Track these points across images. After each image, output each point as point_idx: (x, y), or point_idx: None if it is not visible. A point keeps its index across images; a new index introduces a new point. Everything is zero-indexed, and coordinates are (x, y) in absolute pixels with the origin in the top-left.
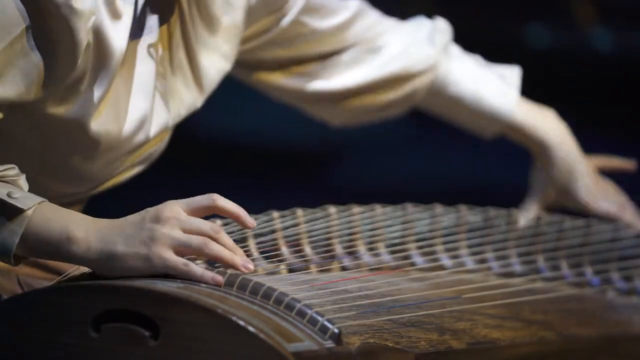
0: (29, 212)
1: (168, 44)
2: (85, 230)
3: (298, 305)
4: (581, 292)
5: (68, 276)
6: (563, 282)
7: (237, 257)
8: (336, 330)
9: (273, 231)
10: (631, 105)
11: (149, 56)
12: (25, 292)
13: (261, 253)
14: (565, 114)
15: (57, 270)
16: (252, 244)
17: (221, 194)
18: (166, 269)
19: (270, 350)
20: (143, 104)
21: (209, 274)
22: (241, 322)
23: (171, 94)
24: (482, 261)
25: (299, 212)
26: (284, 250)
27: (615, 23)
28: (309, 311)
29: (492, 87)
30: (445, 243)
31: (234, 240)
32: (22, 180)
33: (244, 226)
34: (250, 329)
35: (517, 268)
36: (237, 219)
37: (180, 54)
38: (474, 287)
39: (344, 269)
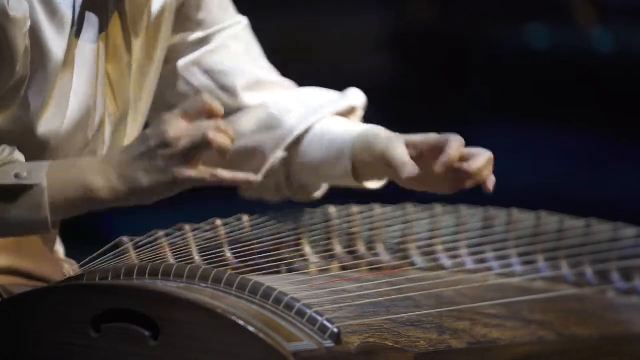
0: (44, 183)
1: (110, 40)
2: (103, 176)
3: (297, 305)
4: (581, 292)
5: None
6: (563, 282)
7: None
8: (336, 330)
9: (273, 232)
10: (631, 106)
11: (92, 54)
12: (25, 292)
13: (261, 253)
14: (565, 114)
15: (40, 278)
16: (252, 244)
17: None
18: (196, 185)
19: (270, 350)
20: (85, 102)
21: (241, 175)
22: (241, 322)
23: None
24: (482, 261)
25: (299, 212)
26: (284, 250)
27: (615, 23)
28: (308, 311)
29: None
30: (445, 243)
31: (234, 241)
32: (17, 154)
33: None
34: (250, 328)
35: (517, 268)
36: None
37: (121, 49)
38: (474, 287)
39: (343, 268)
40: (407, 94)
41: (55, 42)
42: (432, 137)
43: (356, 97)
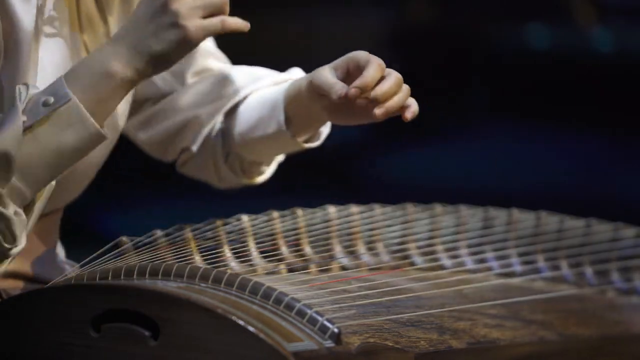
0: (74, 98)
1: (82, 10)
2: (118, 58)
3: (298, 305)
4: (581, 292)
5: (65, 277)
6: (563, 282)
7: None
8: (336, 330)
9: (272, 232)
10: (631, 106)
11: (64, 24)
12: (25, 292)
13: (261, 253)
14: (565, 114)
15: (42, 281)
16: (251, 243)
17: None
18: (208, 36)
19: (270, 350)
20: (58, 73)
21: (240, 21)
22: (241, 322)
23: None
24: (482, 261)
25: (299, 212)
26: (284, 250)
27: (615, 23)
28: (308, 311)
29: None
30: (445, 243)
31: (234, 240)
32: (31, 87)
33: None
34: (250, 328)
35: (517, 268)
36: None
37: (96, 19)
38: (474, 287)
39: (343, 269)
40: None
41: (23, 11)
42: (356, 54)
43: (296, 73)
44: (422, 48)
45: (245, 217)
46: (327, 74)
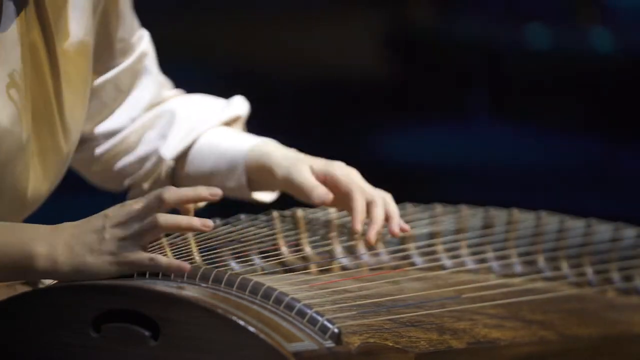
0: None
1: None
2: (48, 243)
3: (298, 305)
4: (581, 292)
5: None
6: (563, 282)
7: (193, 219)
8: (336, 330)
9: (272, 232)
10: (631, 105)
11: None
12: (25, 292)
13: (261, 253)
14: (565, 114)
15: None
16: (252, 244)
17: None
18: (133, 270)
19: (270, 350)
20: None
21: (175, 263)
22: (241, 322)
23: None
24: (482, 261)
25: (299, 212)
26: (284, 250)
27: (615, 23)
28: (308, 311)
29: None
30: (445, 243)
31: (234, 240)
32: None
33: (202, 231)
34: (250, 329)
35: (517, 268)
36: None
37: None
38: (474, 287)
39: (344, 269)
40: (407, 94)
41: None
42: (335, 172)
43: (240, 106)
44: (422, 48)
45: (245, 217)
46: (306, 175)
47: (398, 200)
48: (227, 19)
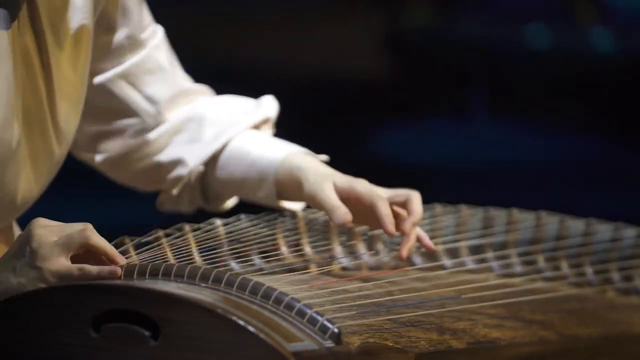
0: None
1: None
2: None
3: (298, 305)
4: (581, 292)
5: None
6: (563, 282)
7: (117, 256)
8: (336, 330)
9: (272, 232)
10: (631, 105)
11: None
12: (25, 292)
13: (261, 253)
14: (565, 114)
15: None
16: (252, 243)
17: None
18: (62, 281)
19: (270, 350)
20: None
21: (106, 269)
22: (241, 322)
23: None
24: (482, 261)
25: (299, 212)
26: (284, 250)
27: (615, 23)
28: (308, 311)
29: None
30: (445, 243)
31: (232, 240)
32: None
33: (114, 262)
34: (250, 328)
35: (517, 268)
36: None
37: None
38: (474, 287)
39: (344, 269)
40: (407, 94)
41: None
42: (359, 189)
43: (270, 108)
44: (421, 48)
45: (245, 217)
46: (330, 194)
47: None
48: (228, 19)
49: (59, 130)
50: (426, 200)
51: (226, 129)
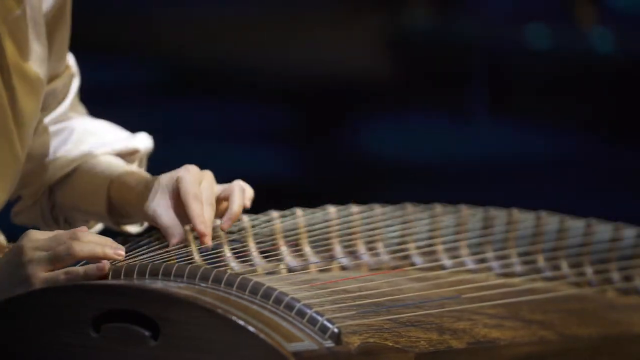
0: None
1: None
2: None
3: (298, 305)
4: (581, 292)
5: None
6: (563, 282)
7: (107, 247)
8: (336, 330)
9: (273, 232)
10: (631, 105)
11: None
12: (25, 292)
13: (261, 253)
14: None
15: None
16: (251, 243)
17: None
18: (52, 285)
19: (270, 350)
20: None
21: (92, 267)
22: (241, 322)
23: None
24: (482, 261)
25: (299, 212)
26: (284, 250)
27: (615, 23)
28: (308, 311)
29: None
30: (445, 243)
31: (234, 240)
32: None
33: (114, 259)
34: (250, 328)
35: (517, 268)
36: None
37: None
38: (474, 287)
39: (343, 269)
40: (408, 94)
41: None
42: (189, 204)
43: (141, 141)
44: (421, 48)
45: (245, 217)
46: (163, 213)
47: (398, 200)
48: (228, 19)
49: (23, 135)
50: (426, 200)
51: (88, 149)
